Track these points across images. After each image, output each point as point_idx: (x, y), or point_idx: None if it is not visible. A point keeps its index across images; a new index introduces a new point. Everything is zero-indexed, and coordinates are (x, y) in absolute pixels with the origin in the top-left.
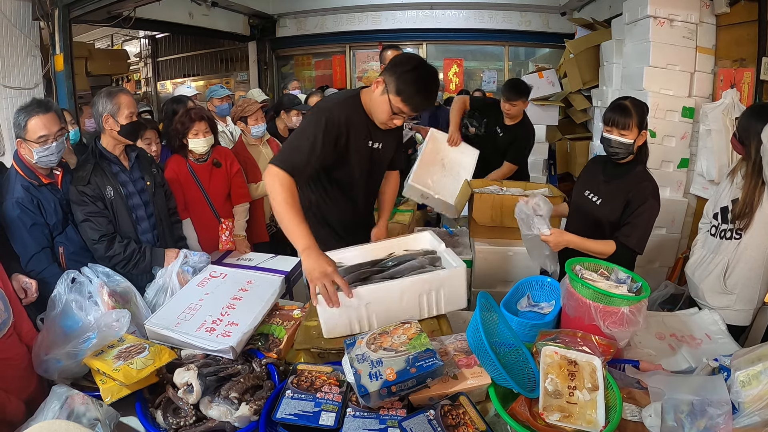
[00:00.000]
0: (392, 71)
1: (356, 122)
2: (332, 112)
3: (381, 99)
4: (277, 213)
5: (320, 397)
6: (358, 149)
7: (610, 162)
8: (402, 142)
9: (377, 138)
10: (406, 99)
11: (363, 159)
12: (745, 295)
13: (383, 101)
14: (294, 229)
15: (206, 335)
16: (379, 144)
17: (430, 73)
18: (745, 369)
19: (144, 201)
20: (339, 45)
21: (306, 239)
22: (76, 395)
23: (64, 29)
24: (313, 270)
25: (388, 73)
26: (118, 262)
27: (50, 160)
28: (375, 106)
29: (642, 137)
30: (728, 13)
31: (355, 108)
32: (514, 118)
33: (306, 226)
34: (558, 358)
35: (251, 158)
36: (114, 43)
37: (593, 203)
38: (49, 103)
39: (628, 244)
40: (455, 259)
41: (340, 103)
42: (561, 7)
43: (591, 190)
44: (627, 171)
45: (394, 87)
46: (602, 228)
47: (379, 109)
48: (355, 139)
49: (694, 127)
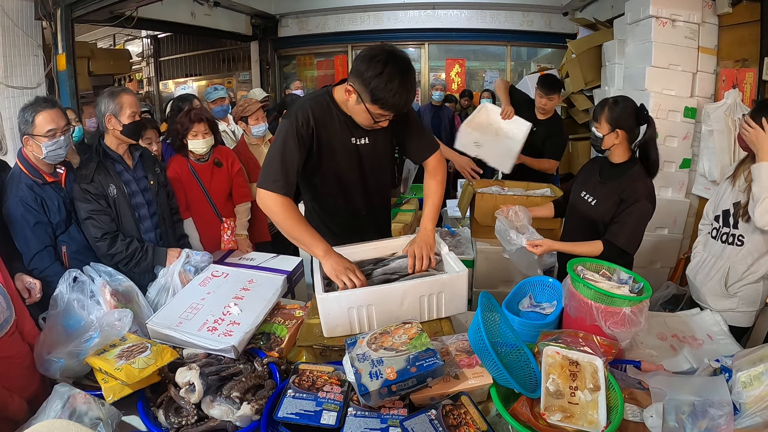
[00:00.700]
0: (360, 78)
1: (329, 121)
2: (297, 118)
3: (358, 108)
4: (285, 232)
5: (322, 396)
6: (342, 146)
7: (607, 162)
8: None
9: (361, 133)
10: (384, 106)
11: (350, 156)
12: (747, 298)
13: (361, 110)
14: (307, 240)
15: (208, 334)
16: (365, 139)
17: (401, 68)
18: (747, 370)
19: (147, 200)
20: (341, 45)
21: (322, 245)
22: (78, 394)
23: (67, 29)
24: (336, 269)
25: (357, 81)
26: (120, 260)
27: (59, 154)
28: (354, 113)
29: (617, 135)
30: (730, 13)
31: (325, 107)
32: (548, 113)
33: (316, 233)
34: (560, 358)
35: (253, 158)
36: (116, 43)
37: (588, 204)
38: (54, 99)
39: (617, 243)
40: (457, 263)
41: (304, 107)
42: (563, 7)
43: (587, 191)
44: (623, 171)
45: (368, 96)
46: (597, 229)
47: (360, 117)
48: (330, 137)
49: (696, 127)
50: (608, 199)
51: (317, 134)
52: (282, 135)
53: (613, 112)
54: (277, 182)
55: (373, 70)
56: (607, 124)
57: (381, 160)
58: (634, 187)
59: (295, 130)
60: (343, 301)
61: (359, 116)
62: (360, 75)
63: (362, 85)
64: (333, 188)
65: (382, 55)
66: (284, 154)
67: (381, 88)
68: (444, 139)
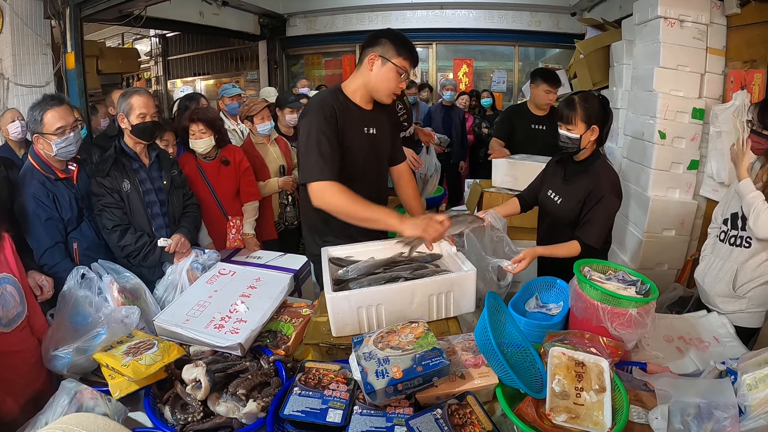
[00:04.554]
0: (381, 43)
1: (347, 111)
2: (322, 110)
3: (385, 69)
4: (351, 218)
5: (327, 394)
6: (358, 135)
7: (571, 160)
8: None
9: (371, 123)
10: (407, 56)
11: (363, 146)
12: (756, 299)
13: (387, 70)
14: (374, 216)
15: (215, 332)
16: (374, 129)
17: None
18: (752, 372)
19: (160, 199)
20: (349, 45)
21: (393, 216)
22: (85, 390)
23: (76, 28)
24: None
25: (377, 47)
26: (129, 252)
27: (69, 151)
28: (379, 81)
29: (593, 132)
30: (739, 13)
31: (341, 99)
32: (547, 108)
33: (379, 208)
34: (565, 359)
35: (259, 157)
36: (125, 42)
37: (554, 203)
38: (61, 96)
39: (589, 243)
40: (465, 262)
41: (326, 100)
42: (571, 7)
43: (553, 189)
44: (586, 167)
45: (394, 51)
46: (563, 227)
47: (386, 81)
48: (351, 127)
49: (704, 128)
50: (572, 198)
51: (341, 123)
52: (312, 129)
53: (586, 110)
54: (322, 171)
55: (389, 34)
56: (582, 122)
57: (385, 151)
58: (597, 183)
59: (324, 120)
60: (352, 300)
61: (385, 81)
62: (378, 41)
63: (385, 45)
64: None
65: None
66: (319, 146)
67: (400, 43)
68: (455, 139)
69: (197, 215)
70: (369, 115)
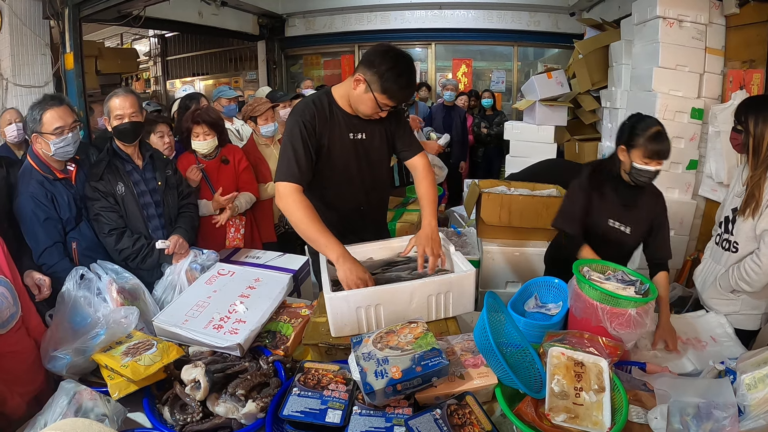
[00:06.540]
0: (373, 70)
1: (330, 117)
2: (304, 113)
3: (365, 96)
4: (301, 231)
5: (327, 394)
6: (341, 141)
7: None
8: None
9: (358, 129)
10: (392, 96)
11: (347, 151)
12: (749, 301)
13: (368, 98)
14: (321, 240)
15: (214, 332)
16: (362, 134)
17: (409, 65)
18: (751, 372)
19: (155, 200)
20: (348, 45)
21: (337, 248)
22: (84, 391)
23: (75, 28)
24: (349, 277)
25: (368, 72)
26: (127, 255)
27: (67, 151)
28: (358, 103)
29: None
30: (738, 13)
31: (326, 104)
32: None
33: (331, 234)
34: (565, 359)
35: (262, 158)
36: (124, 42)
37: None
38: (62, 96)
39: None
40: (464, 262)
41: (308, 104)
42: (570, 7)
43: (614, 218)
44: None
45: (378, 86)
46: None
47: (364, 106)
48: (330, 131)
49: (703, 128)
50: (641, 223)
51: (319, 129)
52: (289, 131)
53: None
54: (291, 173)
55: (386, 63)
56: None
57: (378, 156)
58: (661, 202)
59: (302, 124)
60: (351, 300)
61: (364, 105)
62: (372, 66)
63: (374, 75)
64: (332, 182)
65: (393, 51)
66: (294, 147)
67: (392, 80)
68: (455, 139)
69: (194, 215)
70: (357, 120)
